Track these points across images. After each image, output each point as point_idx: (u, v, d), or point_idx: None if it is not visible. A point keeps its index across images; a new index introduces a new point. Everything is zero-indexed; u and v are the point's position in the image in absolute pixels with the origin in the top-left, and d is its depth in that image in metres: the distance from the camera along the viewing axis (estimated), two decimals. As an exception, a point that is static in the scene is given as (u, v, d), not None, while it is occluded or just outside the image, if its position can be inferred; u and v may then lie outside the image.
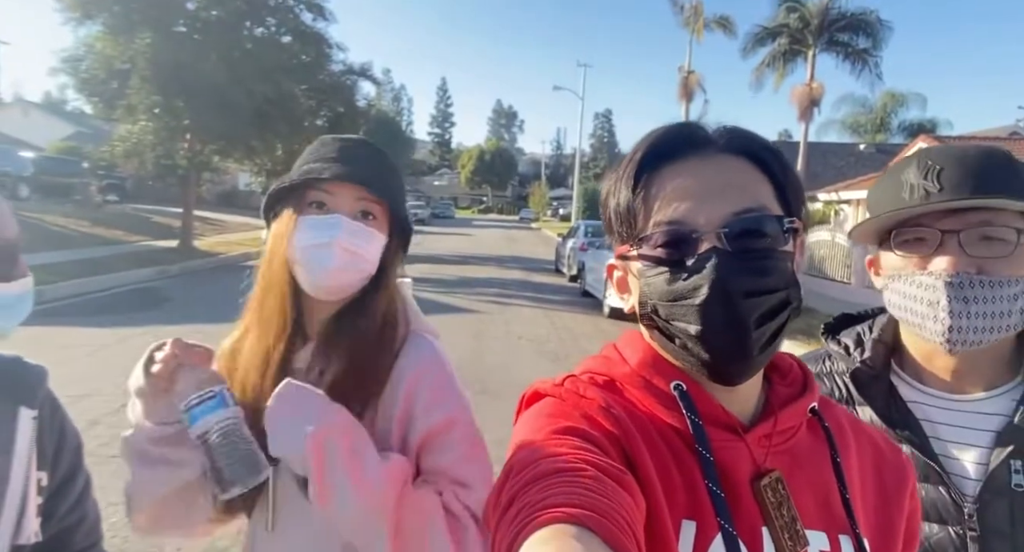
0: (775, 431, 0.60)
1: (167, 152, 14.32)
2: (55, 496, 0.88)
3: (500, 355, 6.60)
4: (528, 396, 0.64)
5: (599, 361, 0.66)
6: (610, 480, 0.48)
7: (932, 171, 0.83)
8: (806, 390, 0.64)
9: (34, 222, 14.53)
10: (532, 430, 0.56)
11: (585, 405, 0.58)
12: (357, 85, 17.93)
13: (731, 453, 0.58)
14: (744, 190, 0.58)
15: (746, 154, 0.60)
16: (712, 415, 0.59)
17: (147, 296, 9.62)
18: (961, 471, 0.86)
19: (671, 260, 0.57)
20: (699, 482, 0.56)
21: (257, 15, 14.94)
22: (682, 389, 0.59)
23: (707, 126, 0.62)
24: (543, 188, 64.30)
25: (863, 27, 18.87)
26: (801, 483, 0.60)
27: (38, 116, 33.81)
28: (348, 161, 0.95)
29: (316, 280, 0.93)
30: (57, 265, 10.63)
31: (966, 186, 0.80)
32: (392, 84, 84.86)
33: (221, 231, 20.24)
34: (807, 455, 0.62)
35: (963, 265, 0.80)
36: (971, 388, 0.89)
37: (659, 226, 0.58)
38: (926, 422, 0.89)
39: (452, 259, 17.45)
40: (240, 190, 31.78)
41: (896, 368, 0.96)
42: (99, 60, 13.14)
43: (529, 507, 0.45)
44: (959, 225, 0.81)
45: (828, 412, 0.67)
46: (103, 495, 1.97)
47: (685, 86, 24.20)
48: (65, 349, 6.17)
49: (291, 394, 0.86)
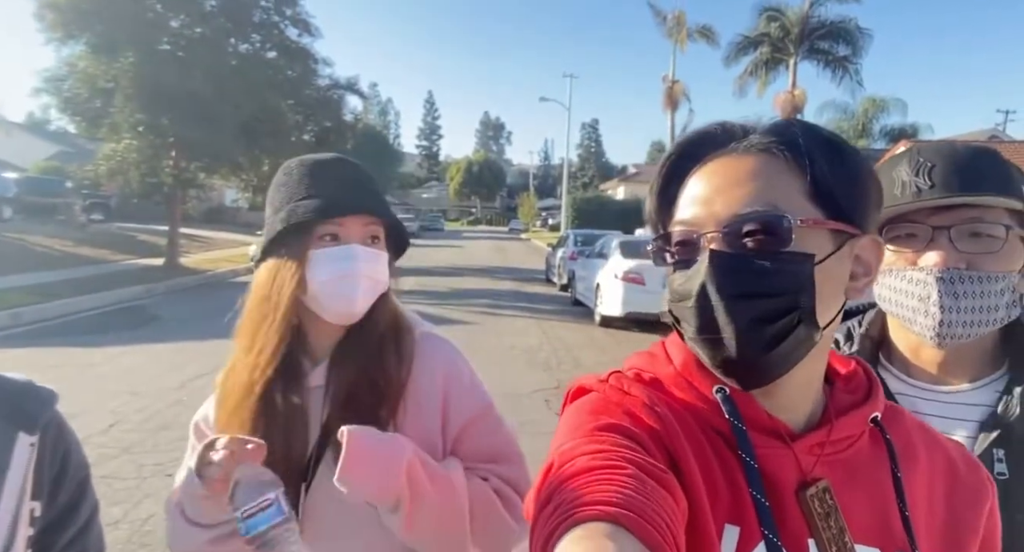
0: (829, 440, 0.58)
1: (152, 170, 14.20)
2: (53, 527, 0.83)
3: (492, 365, 6.54)
4: (573, 391, 0.63)
5: (645, 358, 0.65)
6: (650, 479, 0.47)
7: (923, 168, 0.85)
8: (870, 398, 0.62)
9: (17, 243, 14.36)
10: (574, 426, 0.56)
11: (629, 402, 0.58)
12: (344, 99, 17.95)
13: (776, 460, 0.56)
14: (755, 189, 0.55)
15: (776, 149, 0.56)
16: (756, 420, 0.57)
17: (134, 315, 9.50)
18: None
19: (680, 261, 0.58)
20: (743, 488, 0.55)
21: (242, 32, 14.94)
22: (725, 393, 0.57)
23: (736, 125, 0.60)
24: (532, 198, 64.44)
25: (843, 35, 19.25)
26: (857, 496, 0.58)
27: (20, 136, 33.44)
28: (346, 189, 0.98)
29: (342, 309, 0.96)
30: (41, 286, 10.50)
31: (956, 183, 0.82)
32: (379, 98, 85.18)
33: (208, 248, 20.09)
34: (866, 467, 0.60)
35: (953, 260, 0.82)
36: (956, 380, 0.91)
37: (672, 228, 0.60)
38: (912, 413, 0.90)
39: (443, 271, 17.41)
40: (227, 206, 31.61)
41: (884, 361, 0.98)
42: (82, 79, 13.05)
43: (566, 504, 0.44)
44: (949, 221, 0.83)
45: (896, 423, 0.64)
46: (90, 517, 1.97)
47: (670, 95, 24.48)
48: (53, 369, 6.07)
49: (359, 441, 0.86)
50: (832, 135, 0.58)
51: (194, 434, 1.03)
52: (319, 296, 0.95)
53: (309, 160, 1.02)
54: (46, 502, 0.82)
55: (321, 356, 1.00)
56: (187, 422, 1.06)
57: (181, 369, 6.25)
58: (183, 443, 1.07)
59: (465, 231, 54.85)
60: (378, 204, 1.00)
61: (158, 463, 3.95)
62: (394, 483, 0.86)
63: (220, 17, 14.27)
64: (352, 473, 0.84)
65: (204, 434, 1.00)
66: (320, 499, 0.92)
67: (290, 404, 0.94)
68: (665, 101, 24.74)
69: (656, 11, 24.30)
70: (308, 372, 0.98)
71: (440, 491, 0.89)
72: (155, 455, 4.09)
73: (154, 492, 3.59)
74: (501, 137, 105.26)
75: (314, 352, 1.00)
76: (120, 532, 3.14)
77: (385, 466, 0.86)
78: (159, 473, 3.82)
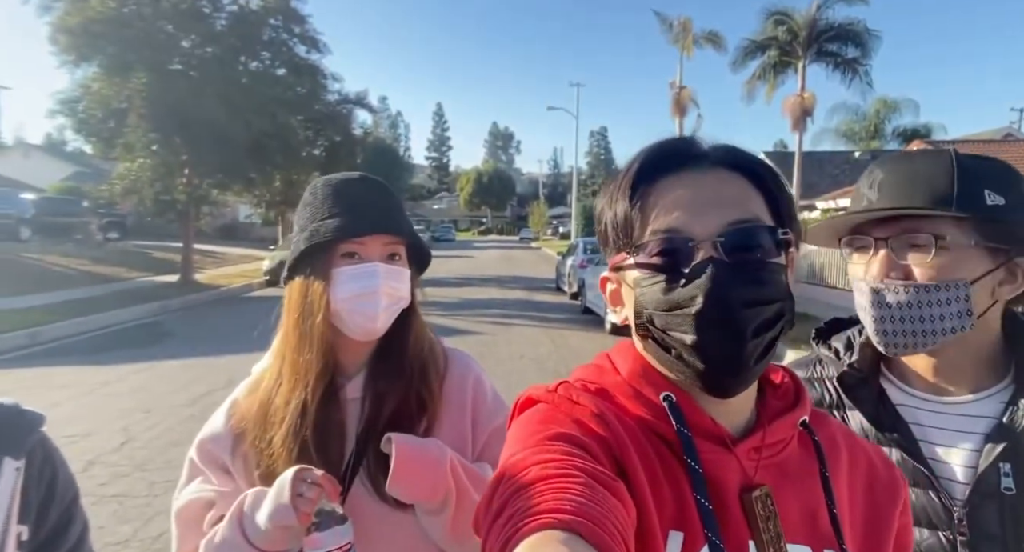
0: (764, 444, 0.60)
1: (166, 188, 14.44)
2: (42, 550, 0.84)
3: (503, 376, 6.55)
4: (521, 402, 0.64)
5: (591, 370, 0.66)
6: (601, 487, 0.48)
7: (875, 181, 0.87)
8: (797, 403, 0.64)
9: (35, 263, 14.59)
10: (524, 436, 0.56)
11: (578, 412, 0.58)
12: (353, 114, 18.21)
13: (720, 466, 0.58)
14: (738, 202, 0.58)
15: (739, 168, 0.61)
16: (701, 427, 0.58)
17: (149, 332, 9.60)
18: (950, 475, 0.85)
19: (667, 268, 0.57)
20: (687, 493, 0.56)
21: (252, 50, 15.20)
22: (671, 400, 0.59)
23: (702, 141, 0.63)
24: (542, 207, 64.60)
25: (851, 37, 19.10)
26: (789, 497, 0.60)
27: (39, 158, 34.22)
28: (367, 208, 1.00)
29: (366, 326, 0.98)
30: (60, 305, 10.66)
31: (897, 195, 0.84)
32: (389, 111, 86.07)
33: (221, 264, 20.31)
34: (796, 469, 0.62)
35: (891, 271, 0.83)
36: (957, 389, 0.88)
37: (655, 234, 0.58)
38: (915, 425, 0.89)
39: (453, 281, 17.44)
40: (240, 222, 32.00)
41: (885, 371, 0.96)
42: (96, 100, 13.33)
43: (520, 513, 0.44)
44: (889, 232, 0.84)
45: (821, 426, 0.66)
46: (100, 536, 1.94)
47: (678, 102, 24.42)
48: (65, 388, 6.14)
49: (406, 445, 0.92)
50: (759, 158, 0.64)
51: (199, 453, 1.02)
52: (341, 313, 0.97)
53: (335, 180, 1.04)
54: (33, 525, 0.82)
55: (352, 370, 1.03)
56: None
57: (192, 386, 6.30)
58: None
59: (476, 241, 55.02)
60: (397, 223, 1.02)
61: (168, 480, 3.96)
62: (443, 482, 0.92)
63: (230, 36, 14.53)
64: (405, 475, 0.90)
65: (212, 453, 1.00)
66: (356, 509, 0.93)
67: (328, 419, 0.97)
68: (673, 107, 24.67)
69: (662, 18, 24.32)
70: (343, 386, 1.01)
71: (479, 491, 0.92)
72: (166, 472, 4.10)
73: (165, 509, 3.59)
74: (510, 147, 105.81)
75: (345, 367, 1.03)
76: (130, 550, 3.14)
77: (434, 467, 0.92)
78: (169, 490, 3.81)
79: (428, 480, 0.91)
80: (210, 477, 1.00)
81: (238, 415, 1.01)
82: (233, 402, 1.04)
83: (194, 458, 1.02)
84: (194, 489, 1.00)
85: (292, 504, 0.86)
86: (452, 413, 1.03)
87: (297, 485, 0.88)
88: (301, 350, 0.99)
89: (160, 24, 13.70)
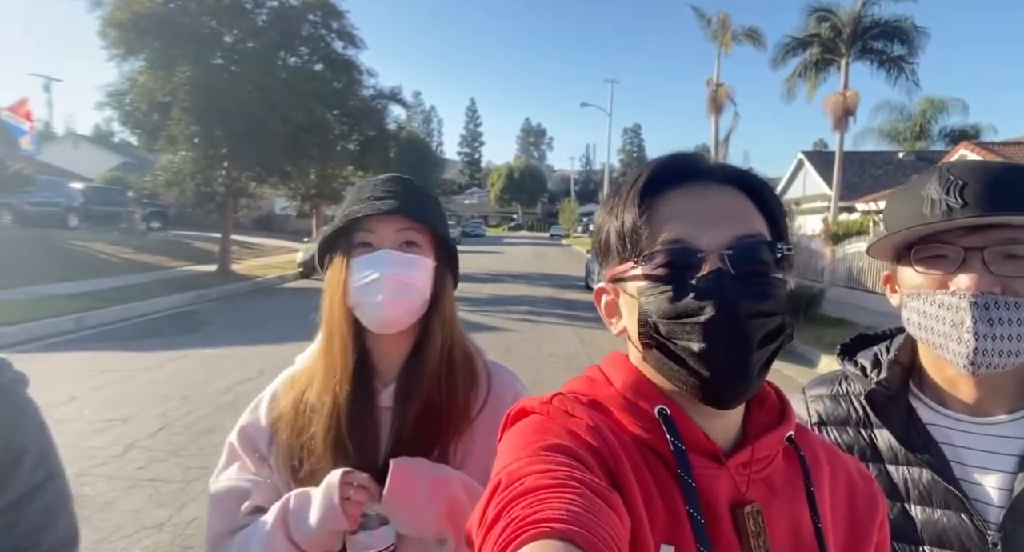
0: (753, 459, 0.61)
1: (206, 180, 14.79)
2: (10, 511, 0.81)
3: (529, 374, 6.53)
4: (514, 413, 0.64)
5: (583, 382, 0.66)
6: (597, 498, 0.48)
7: (954, 186, 0.80)
8: (783, 418, 0.65)
9: (82, 250, 15.15)
10: (519, 447, 0.56)
11: (572, 424, 0.59)
12: (387, 109, 18.30)
13: (712, 480, 0.58)
14: (742, 217, 0.61)
15: (743, 186, 0.63)
16: (694, 441, 0.59)
17: (186, 320, 9.88)
18: (984, 497, 0.82)
19: (676, 278, 0.58)
20: (680, 507, 0.56)
21: (291, 45, 15.44)
22: (666, 413, 0.59)
23: (707, 158, 0.65)
24: (573, 204, 64.28)
25: (898, 34, 18.44)
26: (776, 512, 0.61)
27: (87, 148, 35.44)
28: (383, 197, 0.99)
29: (374, 314, 0.96)
30: (104, 291, 11.05)
31: (990, 202, 0.77)
32: (423, 106, 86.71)
33: (258, 254, 20.76)
34: (782, 484, 0.63)
35: (987, 284, 0.77)
36: (993, 410, 0.85)
37: (664, 244, 0.59)
38: (947, 446, 0.86)
39: (483, 277, 17.50)
40: (276, 214, 32.61)
41: (915, 389, 0.92)
42: (142, 93, 13.71)
43: (516, 522, 0.44)
44: (983, 242, 0.78)
45: (804, 441, 0.67)
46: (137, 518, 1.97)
47: (714, 99, 23.94)
48: (106, 374, 6.37)
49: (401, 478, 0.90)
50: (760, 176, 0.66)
51: (239, 439, 1.03)
52: (357, 305, 0.97)
53: (373, 178, 1.05)
54: None
55: (389, 378, 1.01)
56: (232, 426, 1.07)
57: (228, 374, 6.45)
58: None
59: (506, 237, 55.07)
60: (411, 208, 0.98)
61: (203, 466, 4.07)
62: (430, 524, 0.88)
63: (271, 31, 14.78)
64: (391, 509, 0.88)
65: (253, 442, 1.02)
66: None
67: (363, 422, 0.97)
68: (709, 105, 24.18)
69: (700, 14, 23.84)
70: (379, 392, 0.99)
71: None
72: (200, 458, 4.23)
73: (198, 495, 3.70)
74: (542, 143, 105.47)
75: (382, 374, 1.01)
76: (164, 535, 3.25)
77: (422, 508, 0.88)
78: (203, 477, 3.94)
79: (414, 519, 0.89)
80: (248, 464, 1.01)
81: (276, 411, 1.02)
82: (273, 395, 1.04)
83: (234, 443, 1.03)
84: (232, 475, 1.00)
85: (342, 507, 0.87)
86: (489, 434, 0.97)
87: (345, 488, 0.88)
88: (330, 348, 0.99)
89: (204, 19, 14.01)
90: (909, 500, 0.86)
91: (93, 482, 3.81)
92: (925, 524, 0.84)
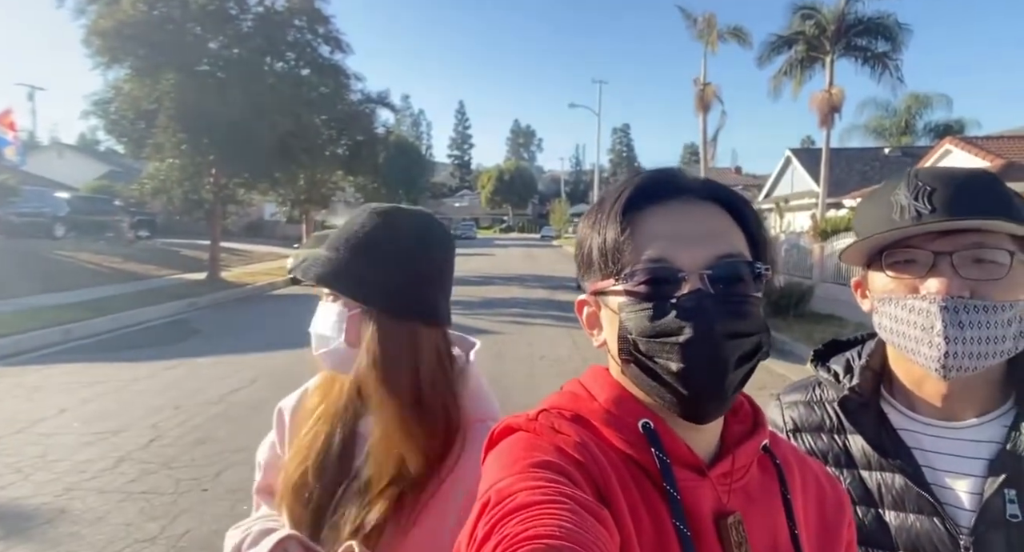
0: (733, 469, 0.62)
1: (193, 187, 14.74)
2: None
3: (521, 376, 6.55)
4: (499, 431, 0.64)
5: (567, 398, 0.66)
6: (588, 514, 0.48)
7: (923, 192, 0.81)
8: (757, 427, 0.66)
9: (69, 261, 15.00)
10: (507, 464, 0.56)
11: (559, 440, 0.59)
12: (375, 113, 18.29)
13: (695, 492, 0.59)
14: (723, 236, 0.61)
15: (722, 203, 0.63)
16: (678, 454, 0.60)
17: (177, 329, 9.81)
18: (955, 501, 0.83)
19: (655, 296, 0.59)
20: (665, 520, 0.57)
21: (277, 51, 15.39)
22: (650, 427, 0.60)
23: (686, 174, 0.66)
24: (563, 205, 64.37)
25: (881, 31, 18.61)
26: (754, 520, 0.62)
27: (72, 157, 35.12)
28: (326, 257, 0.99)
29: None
30: (92, 302, 10.94)
31: (958, 207, 0.78)
32: (411, 109, 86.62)
33: (248, 261, 20.65)
34: (759, 492, 0.64)
35: (956, 288, 0.78)
36: (963, 414, 0.86)
37: (645, 263, 0.59)
38: (918, 450, 0.87)
39: (474, 280, 17.49)
40: (265, 220, 32.48)
41: (886, 395, 0.93)
42: (127, 102, 13.64)
43: (509, 539, 0.44)
44: (952, 247, 0.79)
45: (776, 448, 0.68)
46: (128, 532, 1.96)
47: (701, 98, 24.06)
48: (95, 385, 6.31)
49: None
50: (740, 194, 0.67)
51: (277, 416, 1.11)
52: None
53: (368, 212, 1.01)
54: None
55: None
56: (224, 436, 1.13)
57: (219, 383, 6.41)
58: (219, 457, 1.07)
59: (497, 239, 55.07)
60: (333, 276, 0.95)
61: (195, 478, 4.04)
62: None
63: (256, 37, 14.73)
64: None
65: (284, 422, 1.09)
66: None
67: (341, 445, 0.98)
68: (697, 104, 24.30)
69: (686, 14, 23.93)
70: (363, 415, 0.99)
71: None
72: (192, 470, 4.19)
73: (190, 507, 3.68)
74: (532, 144, 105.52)
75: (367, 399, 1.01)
76: (157, 548, 3.22)
77: None
78: (195, 488, 3.92)
79: None
80: (276, 439, 1.10)
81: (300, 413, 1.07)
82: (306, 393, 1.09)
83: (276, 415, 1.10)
84: (265, 447, 1.11)
85: None
86: (450, 498, 0.87)
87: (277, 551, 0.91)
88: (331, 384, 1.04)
89: (189, 26, 13.95)
90: (883, 505, 0.87)
91: (84, 496, 3.75)
92: (899, 529, 0.85)
